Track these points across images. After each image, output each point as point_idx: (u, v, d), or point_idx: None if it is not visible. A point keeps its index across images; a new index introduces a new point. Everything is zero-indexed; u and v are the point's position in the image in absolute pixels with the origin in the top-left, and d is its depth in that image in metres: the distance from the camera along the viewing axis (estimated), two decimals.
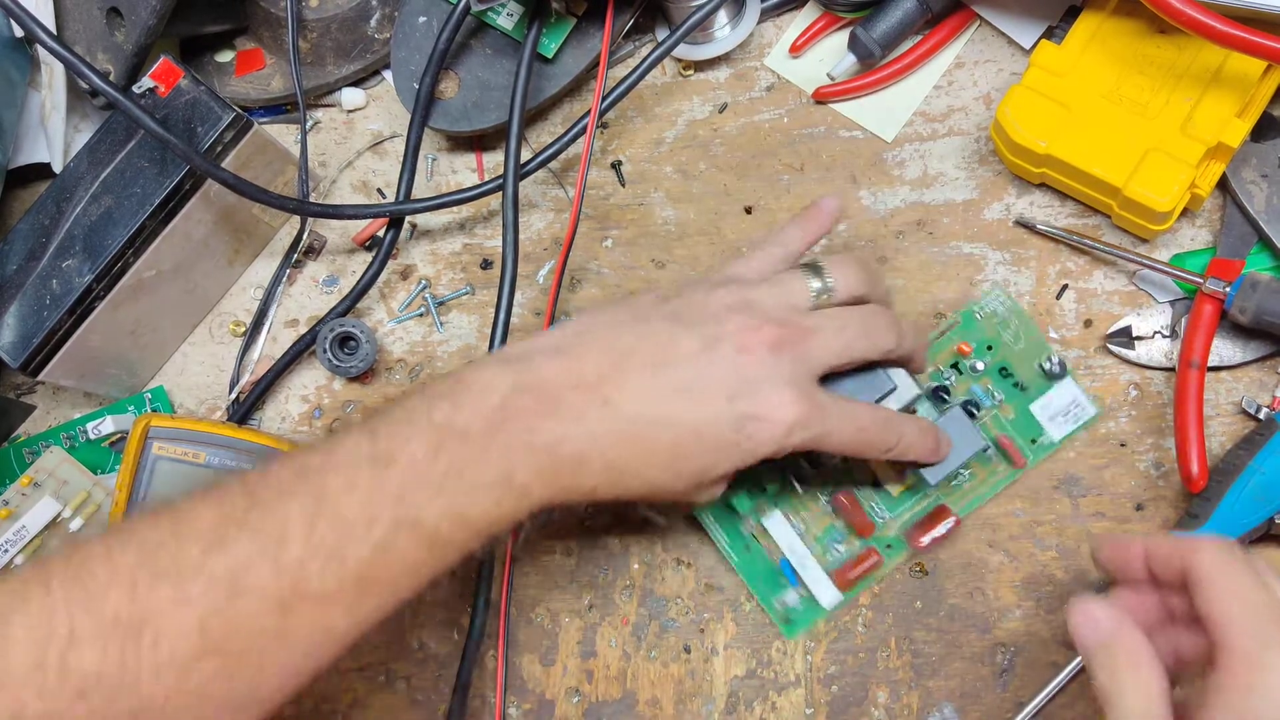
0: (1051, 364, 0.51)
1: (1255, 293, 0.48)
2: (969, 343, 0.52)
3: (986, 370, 0.52)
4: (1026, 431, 0.51)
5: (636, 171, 0.58)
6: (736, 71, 0.58)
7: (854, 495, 0.51)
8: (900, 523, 0.51)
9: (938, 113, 0.56)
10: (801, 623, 0.51)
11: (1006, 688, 0.50)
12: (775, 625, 0.51)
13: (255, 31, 0.61)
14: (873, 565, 0.50)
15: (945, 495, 0.51)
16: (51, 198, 0.53)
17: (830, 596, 0.50)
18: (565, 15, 0.56)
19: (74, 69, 0.49)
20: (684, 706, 0.51)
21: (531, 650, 0.53)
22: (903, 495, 0.51)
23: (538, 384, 0.40)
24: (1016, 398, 0.51)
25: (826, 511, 0.51)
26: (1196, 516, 0.47)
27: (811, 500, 0.51)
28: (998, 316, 0.52)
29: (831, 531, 0.51)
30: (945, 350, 0.52)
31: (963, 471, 0.51)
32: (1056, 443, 0.51)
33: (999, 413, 0.51)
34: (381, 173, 0.60)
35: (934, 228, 0.55)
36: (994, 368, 0.52)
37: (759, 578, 0.51)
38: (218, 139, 0.53)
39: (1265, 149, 0.51)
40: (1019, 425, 0.51)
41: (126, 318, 0.55)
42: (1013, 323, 0.52)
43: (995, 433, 0.51)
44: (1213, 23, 0.45)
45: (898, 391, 0.46)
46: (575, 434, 0.40)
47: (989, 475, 0.51)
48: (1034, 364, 0.51)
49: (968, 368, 0.52)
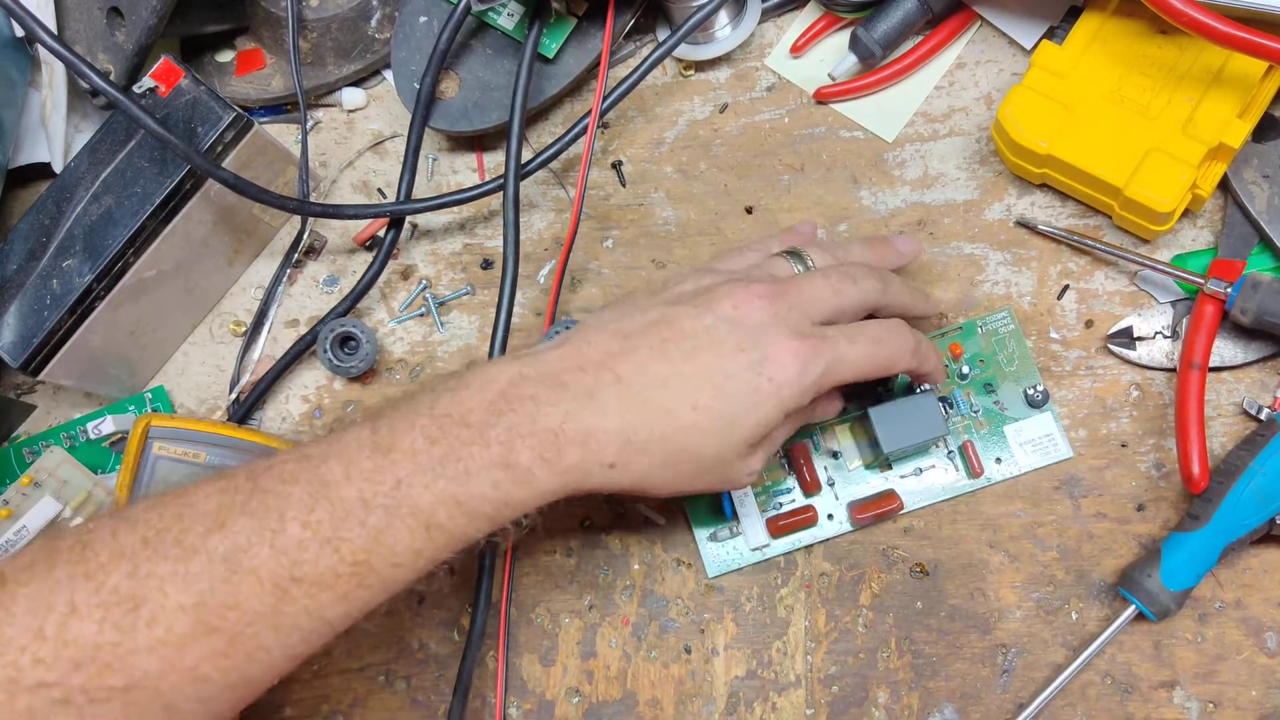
0: (1035, 392, 0.51)
1: (1256, 293, 0.48)
2: (960, 346, 0.52)
3: (971, 380, 0.52)
4: (993, 450, 0.51)
5: (637, 171, 0.58)
6: (737, 72, 0.58)
7: (809, 453, 0.52)
8: (849, 498, 0.51)
9: (939, 113, 0.56)
10: (717, 563, 0.51)
11: (1007, 688, 0.50)
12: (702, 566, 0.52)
13: (256, 31, 0.61)
14: (805, 520, 0.51)
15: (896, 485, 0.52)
16: (52, 197, 0.53)
17: (758, 537, 0.51)
18: (566, 15, 0.56)
19: (75, 69, 0.49)
20: (684, 707, 0.51)
21: (532, 650, 0.53)
22: (858, 470, 0.52)
23: (542, 372, 0.40)
24: (993, 416, 0.52)
25: (780, 465, 0.52)
26: (1197, 517, 0.47)
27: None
28: (998, 335, 0.52)
29: (780, 486, 0.52)
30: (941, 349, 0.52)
31: (920, 465, 0.51)
32: (1019, 472, 0.51)
33: (972, 423, 0.52)
34: (382, 173, 0.60)
35: (935, 228, 0.55)
36: (980, 381, 0.52)
37: (700, 508, 0.52)
38: (218, 139, 0.53)
39: (1266, 149, 0.51)
40: (987, 441, 0.51)
41: (127, 317, 0.55)
42: (1010, 345, 0.52)
43: (963, 437, 0.51)
44: (1214, 23, 0.45)
45: None
46: (582, 412, 0.39)
47: (944, 476, 0.51)
48: (1020, 389, 0.52)
49: (955, 371, 0.52)
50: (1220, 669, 0.49)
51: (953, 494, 0.51)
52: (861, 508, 0.51)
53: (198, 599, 0.35)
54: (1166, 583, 0.47)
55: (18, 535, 0.52)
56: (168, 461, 0.51)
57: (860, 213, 0.55)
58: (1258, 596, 0.49)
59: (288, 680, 0.53)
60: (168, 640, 0.35)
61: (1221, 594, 0.49)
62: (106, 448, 0.57)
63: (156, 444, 0.51)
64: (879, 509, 0.51)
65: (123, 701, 0.35)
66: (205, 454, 0.51)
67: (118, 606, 0.35)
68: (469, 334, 0.57)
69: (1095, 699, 0.49)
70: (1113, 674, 0.49)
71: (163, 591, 0.35)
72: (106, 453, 0.57)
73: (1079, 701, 0.49)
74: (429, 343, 0.57)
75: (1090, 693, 0.49)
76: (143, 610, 0.35)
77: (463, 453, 0.38)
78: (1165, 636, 0.49)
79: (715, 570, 0.52)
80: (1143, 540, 0.50)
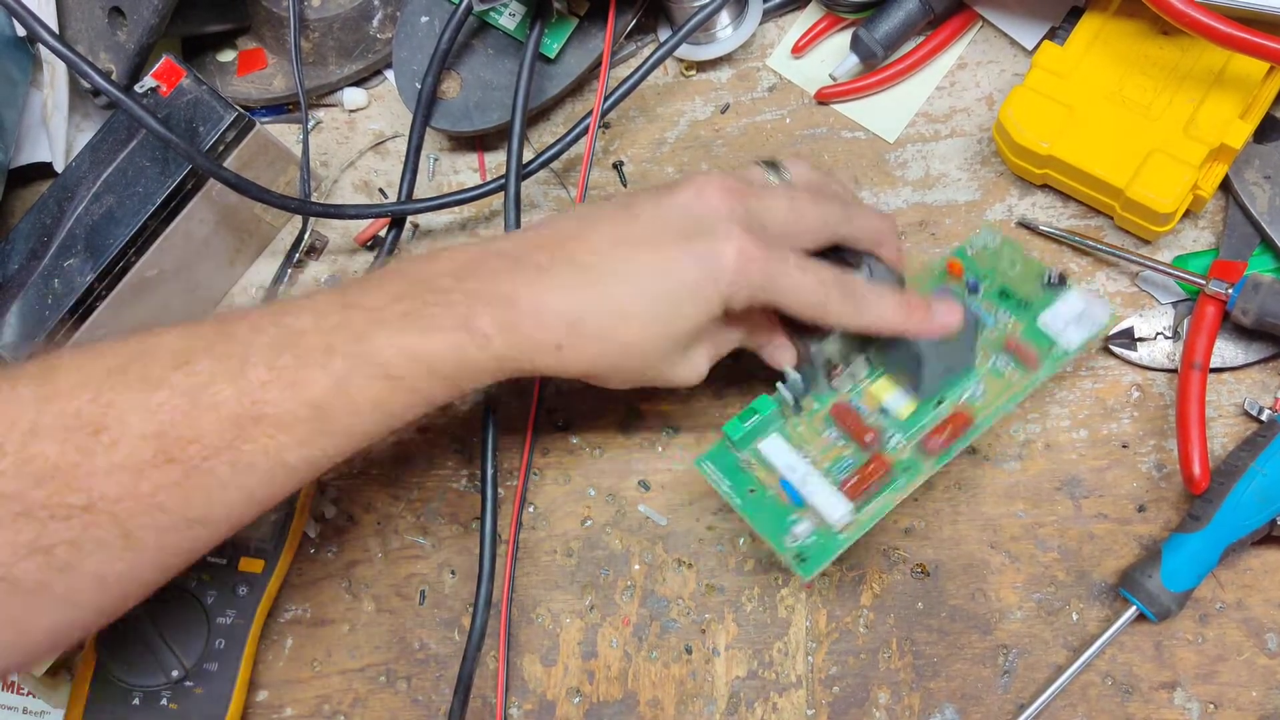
0: (1051, 276, 0.47)
1: (1258, 294, 0.48)
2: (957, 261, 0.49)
3: (985, 294, 0.49)
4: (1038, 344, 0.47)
5: (638, 172, 0.58)
6: (739, 72, 0.58)
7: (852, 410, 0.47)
8: (913, 444, 0.46)
9: (940, 113, 0.56)
10: (816, 556, 0.44)
11: (1008, 689, 0.50)
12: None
13: (257, 31, 0.61)
14: (880, 473, 0.45)
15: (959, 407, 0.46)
16: (53, 197, 0.53)
17: (840, 509, 0.44)
18: (567, 15, 0.56)
19: (76, 68, 0.49)
20: (685, 707, 0.51)
21: (532, 651, 0.53)
22: (910, 418, 0.47)
23: (504, 249, 0.42)
24: (1022, 314, 0.48)
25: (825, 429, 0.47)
26: (1198, 518, 0.47)
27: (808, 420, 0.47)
28: (989, 250, 0.50)
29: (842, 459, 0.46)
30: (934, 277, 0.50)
31: (975, 386, 0.47)
32: (1072, 351, 0.46)
33: (1006, 327, 0.48)
34: (383, 172, 0.60)
35: (936, 229, 0.55)
36: (993, 291, 0.49)
37: (767, 520, 0.45)
38: (220, 138, 0.53)
39: (1268, 150, 0.51)
40: (1029, 339, 0.47)
41: (128, 317, 0.54)
42: (1005, 253, 0.49)
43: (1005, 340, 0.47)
44: (1215, 24, 0.45)
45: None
46: (538, 286, 0.41)
47: (1004, 388, 0.46)
48: (1034, 283, 0.48)
49: (964, 289, 0.49)
50: (1221, 670, 0.49)
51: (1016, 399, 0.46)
52: (932, 436, 0.45)
53: (158, 429, 0.36)
54: (1167, 583, 0.47)
55: None
56: None
57: None
58: (1259, 597, 0.49)
59: (289, 680, 0.53)
60: (126, 465, 0.36)
61: (1222, 595, 0.49)
62: None
63: None
64: (949, 430, 0.45)
65: (82, 521, 0.36)
66: None
67: (80, 430, 0.36)
68: None
69: (1096, 700, 0.49)
70: (1113, 675, 0.49)
71: (124, 420, 0.36)
72: None
73: (1079, 702, 0.49)
74: None
75: (1091, 693, 0.49)
76: (103, 436, 0.36)
77: (426, 312, 0.40)
78: (1166, 637, 0.49)
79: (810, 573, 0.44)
80: (1143, 541, 0.50)
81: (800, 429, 0.47)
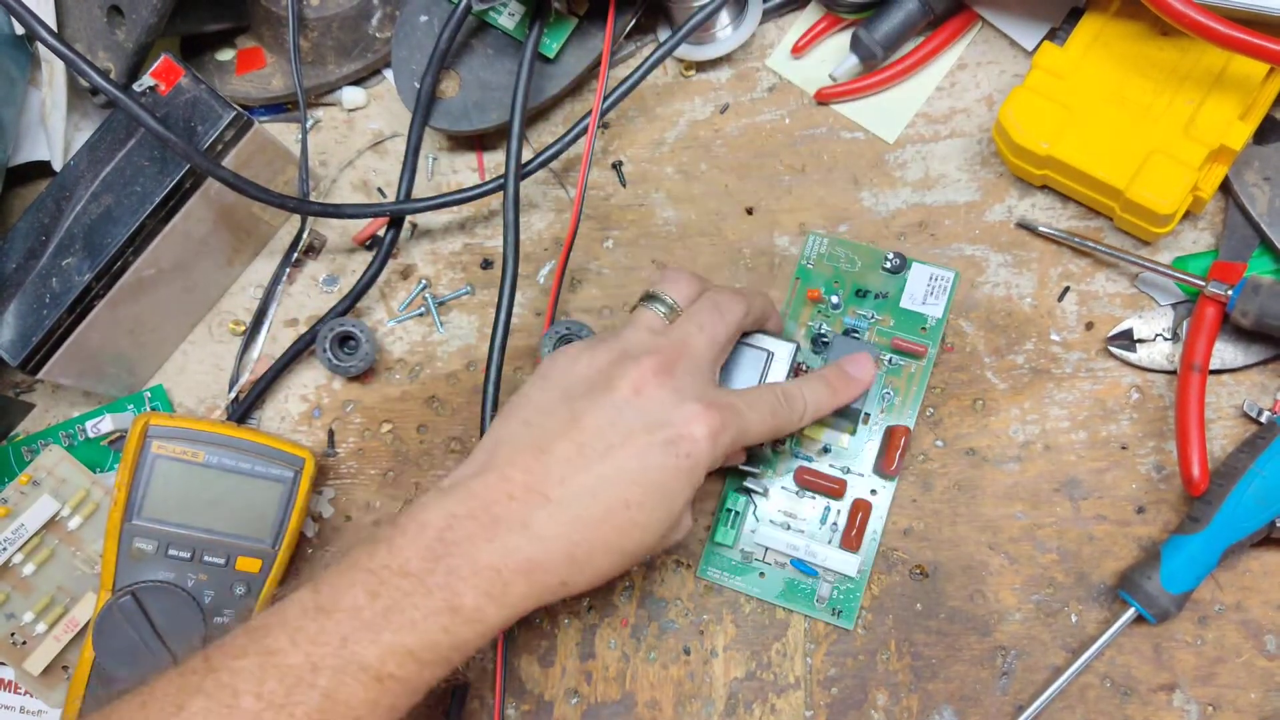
0: (890, 261, 0.53)
1: (1257, 296, 0.48)
2: (815, 289, 0.54)
3: (844, 301, 0.53)
4: (912, 327, 0.52)
5: (637, 172, 0.58)
6: (738, 72, 0.58)
7: (810, 467, 0.52)
8: (870, 465, 0.52)
9: (939, 114, 0.56)
10: (849, 605, 0.51)
11: (1006, 691, 0.50)
12: (830, 624, 0.51)
13: (256, 30, 0.61)
14: (864, 513, 0.51)
15: (887, 419, 0.52)
16: (51, 196, 0.53)
17: (850, 562, 0.50)
18: (567, 15, 0.56)
19: (75, 67, 0.49)
20: (683, 708, 0.51)
21: (530, 651, 0.52)
22: (852, 441, 0.52)
23: (472, 508, 0.40)
24: (885, 306, 0.53)
25: (798, 494, 0.52)
26: (1197, 520, 0.47)
27: (779, 495, 0.52)
28: (823, 254, 0.54)
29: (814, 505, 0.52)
30: (803, 307, 0.54)
31: (886, 391, 0.52)
32: (941, 318, 0.52)
33: (878, 325, 0.53)
34: (382, 172, 0.60)
35: (936, 229, 0.55)
36: (849, 295, 0.53)
37: (789, 595, 0.51)
38: (218, 138, 0.53)
39: (1268, 152, 0.51)
40: (903, 325, 0.53)
41: (126, 316, 0.54)
42: (839, 251, 0.54)
43: (887, 342, 0.53)
44: (1215, 25, 0.45)
45: (776, 355, 0.49)
46: (521, 543, 0.40)
47: (907, 381, 0.52)
48: (878, 273, 0.53)
49: (829, 309, 0.53)
50: (1220, 671, 0.49)
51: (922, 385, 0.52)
52: (886, 461, 0.51)
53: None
54: (1166, 585, 0.47)
55: (16, 534, 0.52)
56: (166, 460, 0.50)
57: (861, 214, 0.55)
58: (1257, 599, 0.49)
59: None
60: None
61: (1221, 596, 0.49)
62: (105, 446, 0.57)
63: (155, 443, 0.50)
64: (898, 449, 0.51)
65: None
66: (204, 453, 0.51)
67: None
68: (468, 334, 0.57)
69: (1094, 701, 0.49)
70: (1112, 676, 0.49)
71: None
72: (105, 451, 0.57)
73: (1078, 704, 0.49)
74: (428, 342, 0.57)
75: (1090, 695, 0.49)
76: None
77: (406, 604, 0.39)
78: (1165, 639, 0.49)
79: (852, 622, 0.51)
80: (1143, 542, 0.50)
81: (777, 507, 0.52)
